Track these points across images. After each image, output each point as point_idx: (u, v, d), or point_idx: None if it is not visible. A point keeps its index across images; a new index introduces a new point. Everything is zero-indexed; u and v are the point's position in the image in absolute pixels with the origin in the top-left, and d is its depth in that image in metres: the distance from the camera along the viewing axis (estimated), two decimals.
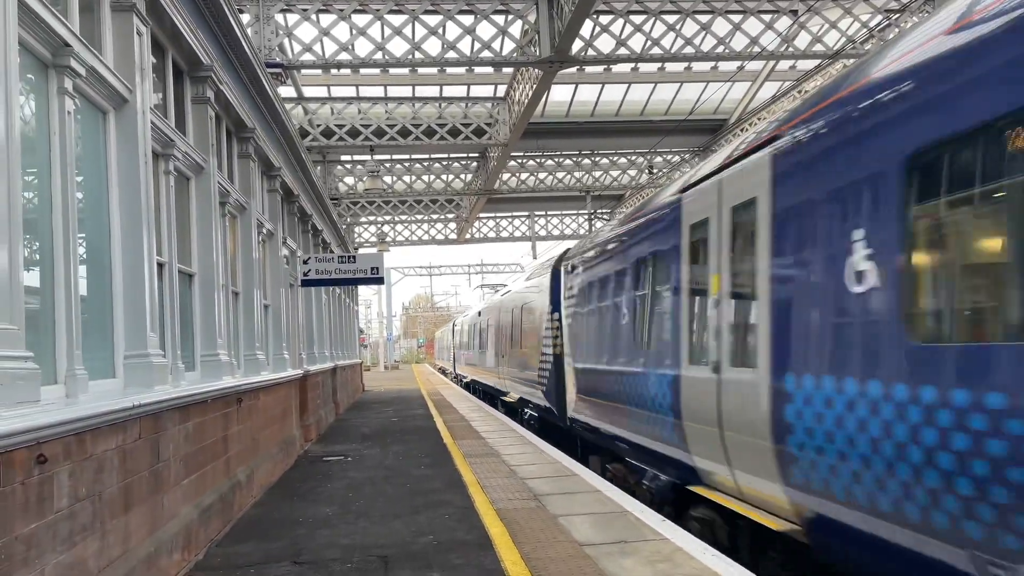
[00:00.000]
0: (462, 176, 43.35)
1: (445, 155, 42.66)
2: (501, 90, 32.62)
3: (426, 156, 42.61)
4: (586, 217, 46.51)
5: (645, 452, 14.38)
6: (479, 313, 47.75)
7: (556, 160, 42.50)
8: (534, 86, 26.45)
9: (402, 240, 53.10)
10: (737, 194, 10.98)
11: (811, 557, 9.46)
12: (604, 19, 24.11)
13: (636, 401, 14.45)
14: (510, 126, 31.56)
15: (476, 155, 42.37)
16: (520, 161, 42.62)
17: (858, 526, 8.19)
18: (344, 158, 42.28)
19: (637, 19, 24.14)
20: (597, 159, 42.55)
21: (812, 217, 9.17)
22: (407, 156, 42.54)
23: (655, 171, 41.87)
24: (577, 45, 23.31)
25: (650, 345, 13.98)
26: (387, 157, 42.37)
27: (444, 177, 43.12)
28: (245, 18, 22.64)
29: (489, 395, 41.17)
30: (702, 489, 12.16)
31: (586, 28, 23.72)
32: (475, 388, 49.46)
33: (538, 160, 42.67)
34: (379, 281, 24.28)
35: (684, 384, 12.33)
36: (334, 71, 30.24)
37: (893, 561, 7.86)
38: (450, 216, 51.96)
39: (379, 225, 52.05)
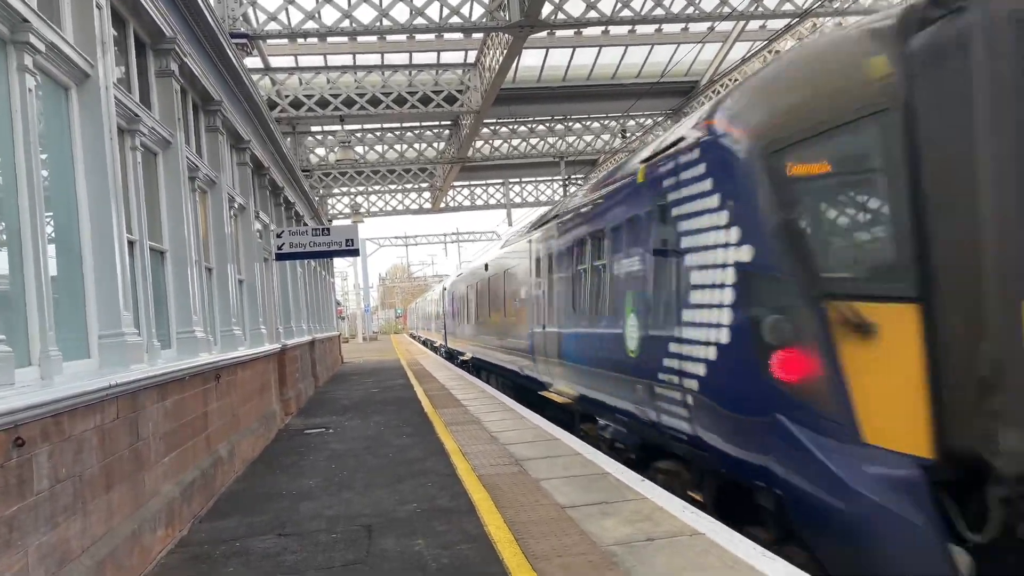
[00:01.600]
0: (435, 145, 42.76)
1: (417, 123, 42.04)
2: (472, 56, 32.29)
3: (397, 125, 42.00)
4: (560, 183, 46.23)
5: (522, 376, 24.01)
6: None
7: (529, 126, 42.21)
8: (505, 51, 26.19)
9: (376, 211, 52.29)
10: (536, 247, 21.84)
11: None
12: None
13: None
14: (482, 93, 31.26)
15: (448, 123, 41.82)
16: (493, 128, 42.25)
17: (591, 396, 16.20)
18: (315, 129, 41.59)
19: None
20: (570, 124, 42.20)
21: (558, 258, 19.34)
22: (378, 125, 41.86)
23: (628, 135, 41.51)
24: (547, 9, 23.04)
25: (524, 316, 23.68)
26: (358, 127, 41.65)
27: (417, 146, 42.51)
28: None
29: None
30: (546, 392, 20.69)
31: None
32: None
33: (511, 127, 42.30)
34: (354, 253, 23.85)
35: (535, 337, 21.81)
36: (301, 40, 29.85)
37: (607, 410, 15.29)
38: (424, 185, 51.52)
39: (352, 196, 51.52)
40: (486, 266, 32.41)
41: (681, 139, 11.55)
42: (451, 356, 49.71)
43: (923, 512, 8.61)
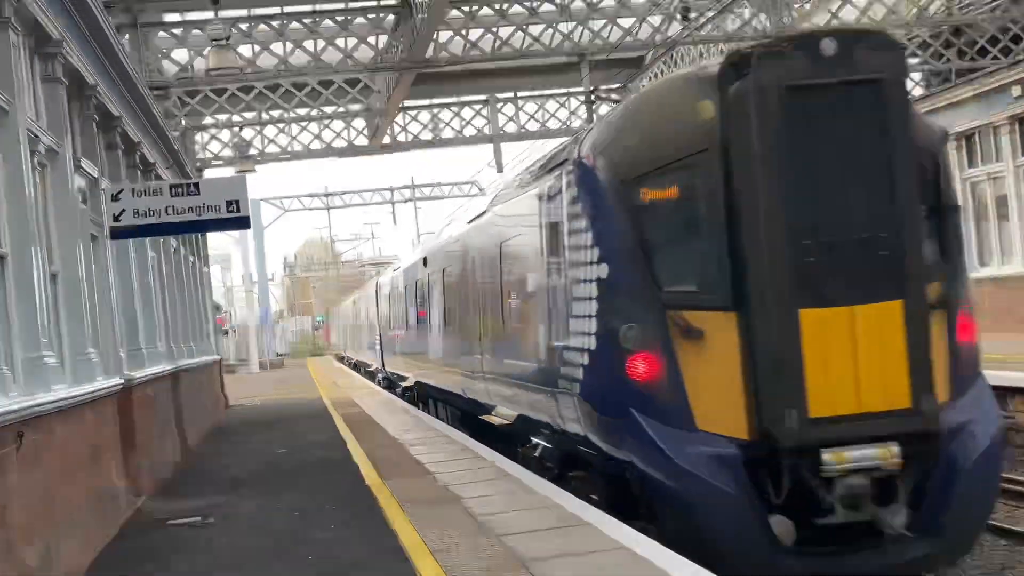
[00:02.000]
0: (371, 41, 27.42)
1: (341, 4, 27.08)
2: None
3: (309, 8, 26.89)
4: (580, 98, 30.30)
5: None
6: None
7: (529, 3, 25.85)
8: None
9: (277, 152, 34.28)
10: (405, 278, 31.49)
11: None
12: None
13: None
14: None
15: (393, 2, 26.85)
16: (470, 8, 26.06)
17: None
18: (170, 18, 27.57)
19: None
20: (597, 1, 26.16)
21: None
22: (277, 9, 26.78)
23: (693, 15, 26.49)
24: None
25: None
26: (243, 13, 26.84)
27: (341, 43, 27.15)
28: None
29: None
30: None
31: None
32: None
33: (499, 6, 26.14)
34: (241, 223, 18.49)
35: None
36: None
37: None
38: (356, 108, 33.99)
39: (236, 130, 34.32)
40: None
41: (560, 165, 13.49)
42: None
43: (739, 483, 10.87)
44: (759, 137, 10.93)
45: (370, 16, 26.69)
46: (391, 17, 26.68)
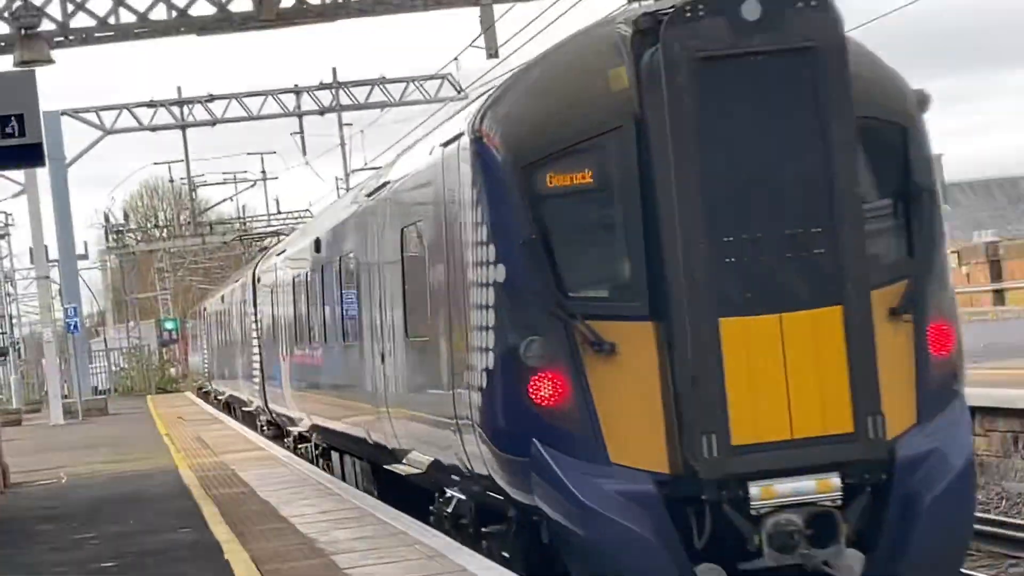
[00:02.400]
0: None
1: None
2: None
3: None
4: None
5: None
6: None
7: None
8: None
9: (91, 26, 22.75)
10: (292, 268, 23.40)
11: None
12: None
13: None
14: None
15: None
16: None
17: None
18: None
19: None
20: None
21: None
22: None
23: None
24: None
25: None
26: None
27: None
28: None
29: None
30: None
31: None
32: None
33: None
34: (30, 155, 13.24)
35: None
36: None
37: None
38: None
39: None
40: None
41: (456, 139, 11.12)
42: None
43: (660, 527, 9.33)
44: (670, 119, 9.50)
45: None
46: None
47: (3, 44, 21.40)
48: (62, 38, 22.17)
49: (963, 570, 11.57)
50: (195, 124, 49.27)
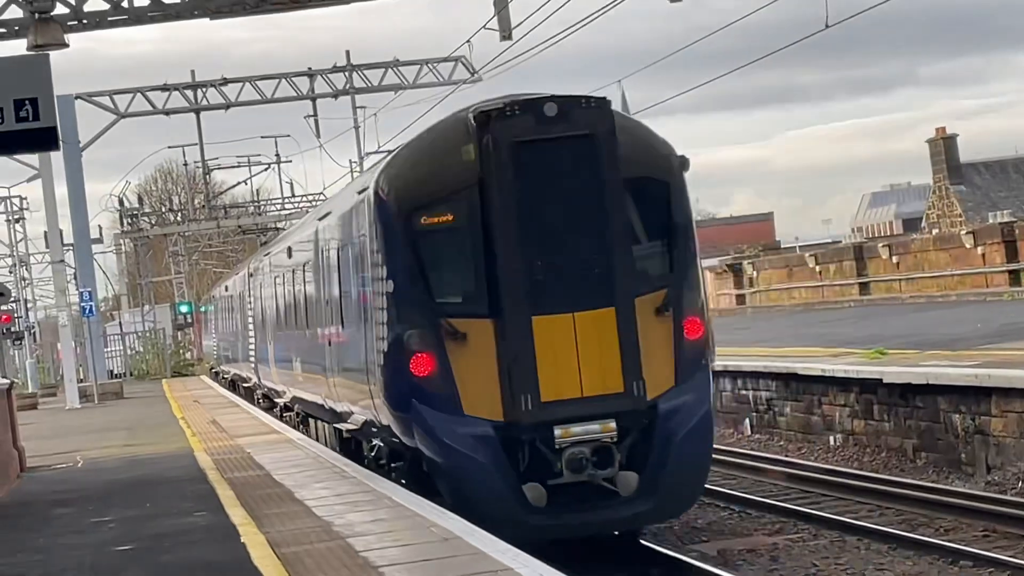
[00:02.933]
0: None
1: None
2: None
3: None
4: None
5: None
6: None
7: None
8: None
9: (105, 10, 22.17)
10: (273, 265, 27.39)
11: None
12: None
13: None
14: None
15: None
16: None
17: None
18: None
19: None
20: None
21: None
22: None
23: None
24: None
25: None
26: None
27: None
28: None
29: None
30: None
31: None
32: None
33: None
34: (44, 139, 13.09)
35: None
36: None
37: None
38: None
39: None
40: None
41: (364, 191, 15.81)
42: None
43: (496, 457, 13.78)
44: (497, 183, 13.95)
45: None
46: None
47: (17, 28, 21.06)
48: (76, 22, 21.68)
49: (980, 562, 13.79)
50: (209, 108, 48.77)
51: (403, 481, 15.25)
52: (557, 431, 13.79)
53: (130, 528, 14.34)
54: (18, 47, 20.24)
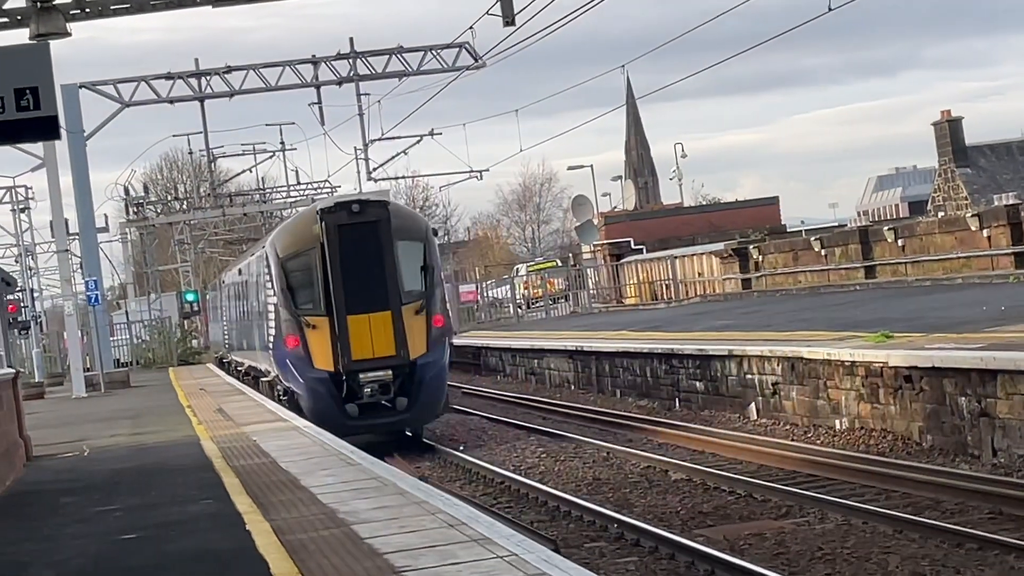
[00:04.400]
0: None
1: None
2: None
3: None
4: None
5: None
6: None
7: None
8: None
9: (104, 1, 22.08)
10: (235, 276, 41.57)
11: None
12: None
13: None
14: None
15: None
16: None
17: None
18: None
19: None
20: None
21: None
22: None
23: None
24: None
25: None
26: None
27: None
28: None
29: None
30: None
31: None
32: None
33: None
34: (46, 128, 12.68)
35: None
36: None
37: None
38: None
39: None
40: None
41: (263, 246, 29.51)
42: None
43: (329, 390, 25.59)
44: (327, 247, 25.65)
45: None
46: None
47: (19, 17, 20.95)
48: (78, 11, 21.51)
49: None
50: (213, 96, 48.27)
51: (283, 399, 28.01)
52: (361, 376, 25.60)
53: (136, 516, 14.22)
54: (21, 36, 20.10)
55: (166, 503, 15.03)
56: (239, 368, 41.72)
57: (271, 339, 27.65)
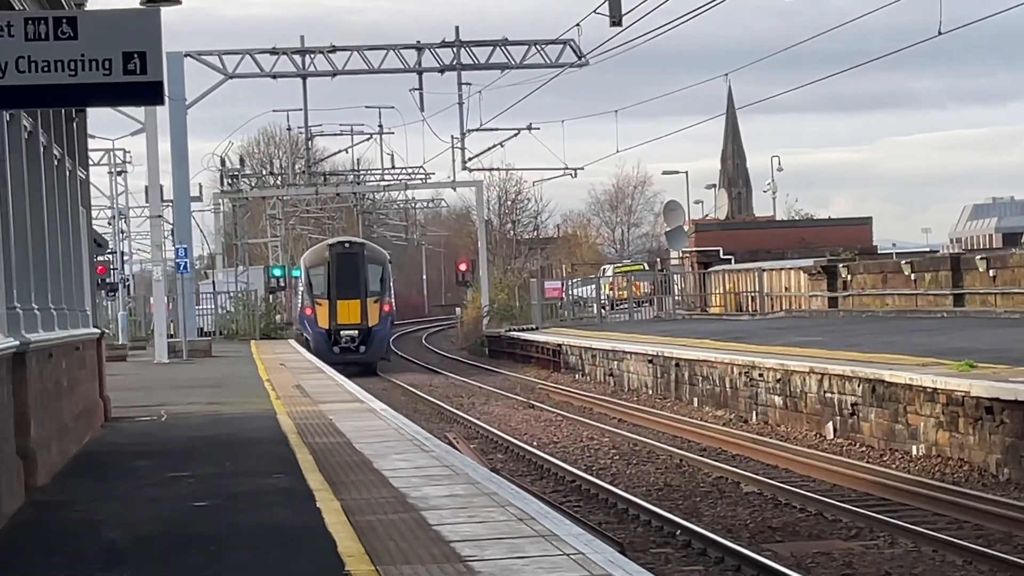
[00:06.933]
0: None
1: None
2: None
3: None
4: None
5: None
6: None
7: None
8: None
9: None
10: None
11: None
12: None
13: None
14: None
15: None
16: None
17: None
18: None
19: None
20: None
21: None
22: None
23: None
24: None
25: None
26: None
27: None
28: None
29: None
30: None
31: None
32: None
33: None
34: (150, 93, 12.18)
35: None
36: None
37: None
38: None
39: None
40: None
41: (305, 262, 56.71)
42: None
43: (326, 338, 51.22)
44: (331, 263, 51.54)
45: None
46: None
47: None
48: None
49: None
50: (316, 74, 49.47)
51: (307, 339, 52.99)
52: (342, 332, 50.35)
53: (208, 485, 14.47)
54: (132, 2, 20.14)
55: (239, 474, 15.22)
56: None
57: (300, 310, 55.28)
